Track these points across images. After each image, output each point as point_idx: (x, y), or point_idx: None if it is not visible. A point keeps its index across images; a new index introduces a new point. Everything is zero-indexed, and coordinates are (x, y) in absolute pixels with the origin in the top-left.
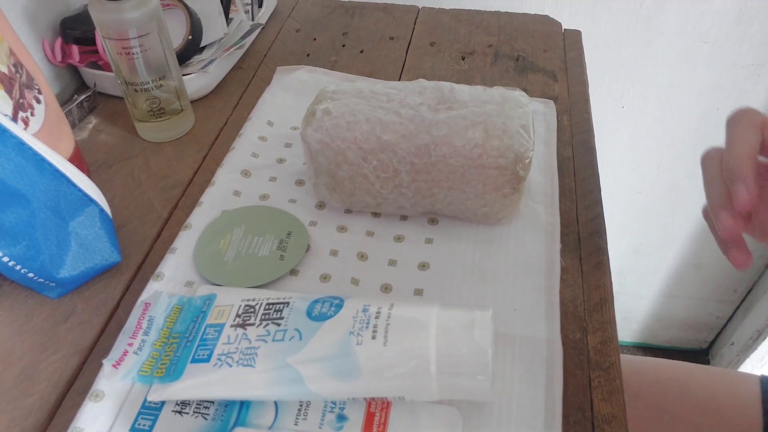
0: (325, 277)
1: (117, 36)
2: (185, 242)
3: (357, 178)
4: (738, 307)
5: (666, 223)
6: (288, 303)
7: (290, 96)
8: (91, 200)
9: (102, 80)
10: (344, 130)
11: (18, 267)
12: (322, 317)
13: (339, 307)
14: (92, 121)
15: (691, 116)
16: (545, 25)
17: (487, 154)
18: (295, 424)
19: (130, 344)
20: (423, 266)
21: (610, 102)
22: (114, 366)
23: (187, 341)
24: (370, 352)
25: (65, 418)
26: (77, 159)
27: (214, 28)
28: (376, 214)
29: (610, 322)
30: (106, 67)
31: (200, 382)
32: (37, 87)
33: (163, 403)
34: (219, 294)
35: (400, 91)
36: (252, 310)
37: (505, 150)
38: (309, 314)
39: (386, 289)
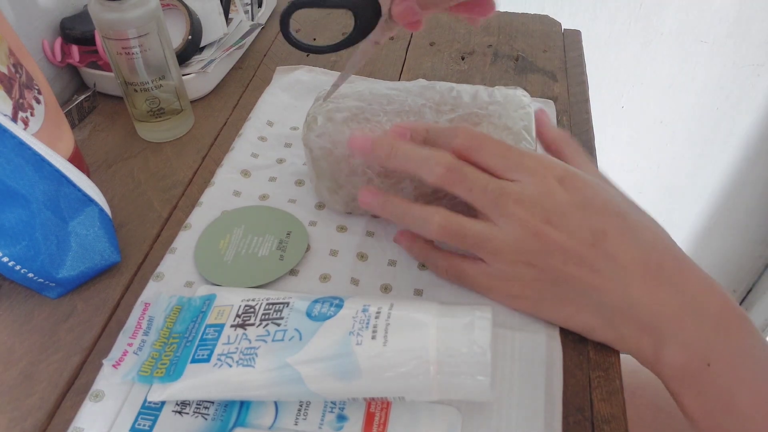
0: (324, 277)
1: (116, 36)
2: (185, 242)
3: (360, 183)
4: None
5: (666, 223)
6: (288, 303)
7: (290, 96)
8: (91, 200)
9: (102, 80)
10: (347, 136)
11: (18, 267)
12: (321, 317)
13: (339, 307)
14: (92, 121)
15: (690, 116)
16: (545, 24)
17: None
18: (295, 425)
19: (130, 344)
20: (423, 266)
21: (609, 102)
22: (114, 366)
23: (186, 341)
24: (370, 352)
25: (65, 418)
26: (77, 159)
27: (213, 28)
28: (377, 215)
29: None
30: (105, 67)
31: (200, 382)
32: (36, 87)
33: (163, 403)
34: (219, 294)
35: (400, 93)
36: (252, 310)
37: None
38: (309, 314)
39: (386, 289)
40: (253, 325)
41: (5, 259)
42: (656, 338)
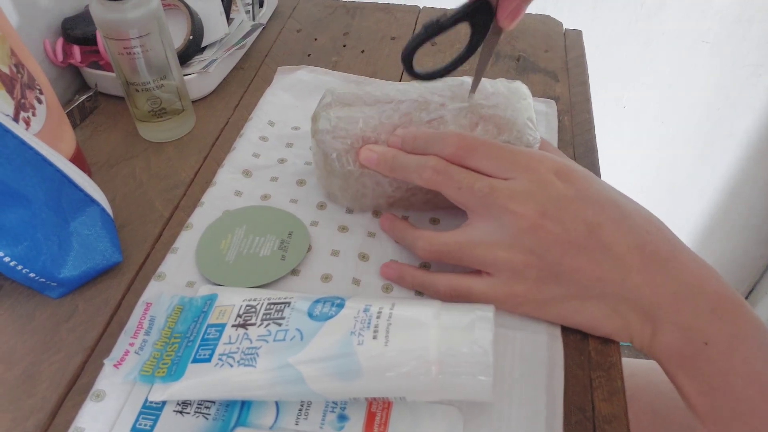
0: (326, 277)
1: (118, 36)
2: (186, 242)
3: (370, 183)
4: None
5: (666, 223)
6: (289, 303)
7: (291, 96)
8: (93, 200)
9: (103, 80)
10: (360, 138)
11: (19, 267)
12: (323, 317)
13: (340, 307)
14: (93, 122)
15: (691, 116)
16: (546, 25)
17: None
18: (296, 424)
19: (132, 344)
20: (424, 266)
21: (611, 102)
22: (115, 366)
23: (188, 341)
24: (372, 352)
25: (66, 418)
26: (78, 159)
27: (215, 28)
28: (377, 215)
29: None
30: (107, 68)
31: (201, 382)
32: (38, 87)
33: (164, 403)
34: (220, 294)
35: (407, 88)
36: (253, 310)
37: (515, 143)
38: (310, 314)
39: (387, 289)
40: (254, 324)
41: (7, 259)
42: (654, 323)
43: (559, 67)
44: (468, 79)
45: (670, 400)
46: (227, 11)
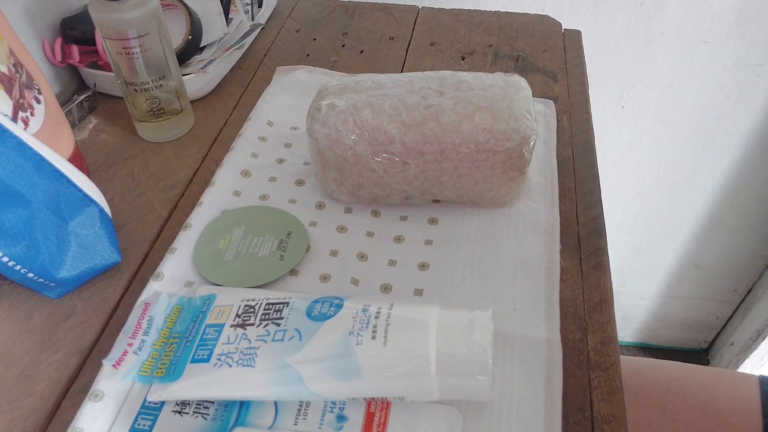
0: (324, 277)
1: (117, 36)
2: (185, 242)
3: (366, 172)
4: (738, 307)
5: (666, 223)
6: (288, 303)
7: (290, 96)
8: (91, 200)
9: (102, 80)
10: (351, 124)
11: (18, 267)
12: (321, 317)
13: (339, 307)
14: (92, 121)
15: (691, 116)
16: (545, 25)
17: (495, 138)
18: (295, 424)
19: (130, 344)
20: (423, 266)
21: (610, 102)
22: (114, 366)
23: (186, 341)
24: (370, 352)
25: (65, 418)
26: (77, 159)
27: (214, 28)
28: (376, 214)
29: (609, 322)
30: (106, 67)
31: (200, 382)
32: (37, 87)
33: (162, 403)
34: (219, 294)
35: (402, 79)
36: (252, 310)
37: (512, 133)
38: (309, 314)
39: (386, 289)
40: (253, 325)
41: (5, 259)
42: None
43: (557, 67)
44: (461, 74)
45: (678, 397)
46: (226, 11)
